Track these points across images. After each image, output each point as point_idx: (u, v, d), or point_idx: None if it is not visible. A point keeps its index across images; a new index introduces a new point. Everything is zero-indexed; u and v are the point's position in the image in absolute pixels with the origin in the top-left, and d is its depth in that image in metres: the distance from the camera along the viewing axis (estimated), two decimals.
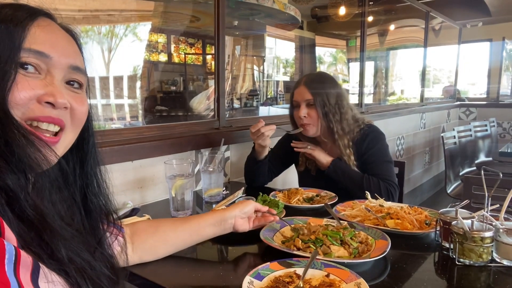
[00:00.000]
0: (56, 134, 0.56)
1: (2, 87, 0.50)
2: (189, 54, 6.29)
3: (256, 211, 1.07)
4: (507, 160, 3.12)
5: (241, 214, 1.01)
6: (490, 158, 3.54)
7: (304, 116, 1.48)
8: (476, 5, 6.21)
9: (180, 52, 6.27)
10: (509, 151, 2.98)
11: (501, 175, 0.94)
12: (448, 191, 2.76)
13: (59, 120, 0.56)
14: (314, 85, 1.49)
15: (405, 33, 6.92)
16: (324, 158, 1.50)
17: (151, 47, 5.77)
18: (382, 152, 1.52)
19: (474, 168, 3.23)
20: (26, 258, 0.41)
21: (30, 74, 0.53)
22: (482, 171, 0.98)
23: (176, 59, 6.18)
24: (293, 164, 1.73)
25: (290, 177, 1.90)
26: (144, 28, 4.27)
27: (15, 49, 0.51)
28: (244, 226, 1.03)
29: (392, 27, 7.01)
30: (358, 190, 1.42)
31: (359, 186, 1.44)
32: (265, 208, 1.08)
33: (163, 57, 6.04)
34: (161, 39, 5.99)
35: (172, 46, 6.20)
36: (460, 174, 3.05)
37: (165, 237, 0.92)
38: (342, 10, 5.08)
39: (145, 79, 4.85)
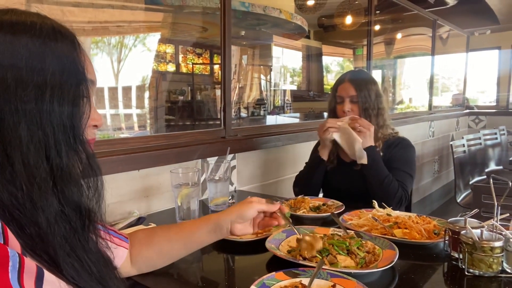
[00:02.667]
0: None
1: (79, 119, 0.52)
2: (196, 64, 6.35)
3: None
4: None
5: (238, 220, 0.87)
6: (501, 167, 3.48)
7: (348, 111, 1.55)
8: (484, 13, 6.19)
9: (188, 62, 6.34)
10: None
11: (511, 184, 0.93)
12: (458, 200, 2.72)
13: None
14: (358, 82, 1.57)
15: (412, 41, 6.91)
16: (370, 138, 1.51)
17: (160, 57, 5.84)
18: (409, 163, 1.58)
19: (484, 176, 3.18)
20: (30, 265, 0.41)
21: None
22: (491, 180, 0.96)
23: (184, 69, 6.24)
24: None
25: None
26: (153, 39, 4.33)
27: (84, 80, 0.54)
28: (244, 230, 0.89)
29: (399, 35, 7.01)
30: (378, 185, 1.47)
31: (382, 180, 1.47)
32: (274, 208, 0.89)
33: (171, 67, 6.10)
34: (169, 49, 6.07)
35: (180, 56, 6.27)
36: (470, 183, 3.01)
37: (160, 248, 0.87)
38: (348, 19, 5.10)
39: (153, 89, 4.90)
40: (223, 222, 0.87)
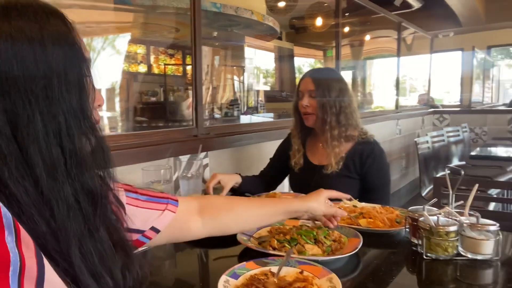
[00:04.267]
0: None
1: (87, 100, 0.51)
2: (169, 64, 6.30)
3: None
4: (479, 163, 3.24)
5: (310, 214, 0.99)
6: (463, 162, 3.67)
7: (306, 106, 1.53)
8: (447, 16, 6.48)
9: (160, 63, 6.28)
10: (478, 154, 3.10)
11: (463, 173, 1.00)
12: (423, 194, 2.85)
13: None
14: (318, 77, 1.55)
15: (380, 43, 7.13)
16: None
17: (130, 58, 5.76)
18: (386, 175, 1.57)
19: (448, 171, 3.34)
20: (31, 269, 0.40)
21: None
22: (446, 170, 1.03)
23: (156, 70, 6.18)
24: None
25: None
26: (123, 40, 4.27)
27: (84, 60, 0.52)
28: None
29: (367, 37, 7.23)
30: None
31: None
32: (342, 214, 1.04)
33: (142, 68, 6.03)
34: (141, 50, 5.99)
35: (152, 57, 6.20)
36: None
37: (239, 218, 0.91)
38: (318, 21, 5.22)
39: (125, 90, 4.83)
40: (300, 214, 0.98)
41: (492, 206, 2.33)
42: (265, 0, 4.84)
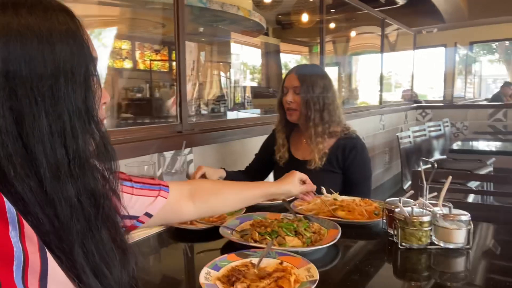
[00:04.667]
0: None
1: (93, 99, 0.51)
2: (154, 60, 6.25)
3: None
4: (459, 157, 3.32)
5: (287, 196, 1.12)
6: (444, 156, 3.76)
7: (291, 102, 1.56)
8: (430, 13, 6.58)
9: (145, 59, 6.23)
10: (457, 148, 3.18)
11: (436, 166, 1.04)
12: (404, 188, 2.92)
13: None
14: (303, 74, 1.57)
15: (364, 39, 7.20)
16: None
17: (115, 54, 5.70)
18: (367, 169, 1.61)
19: (429, 165, 3.42)
20: (35, 263, 0.40)
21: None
22: (421, 163, 1.07)
23: (141, 66, 6.13)
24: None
25: None
26: (108, 35, 4.22)
27: (91, 59, 0.52)
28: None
29: (353, 33, 7.29)
30: None
31: None
32: (312, 188, 1.14)
33: (127, 64, 5.97)
34: (125, 45, 5.93)
35: (138, 53, 6.14)
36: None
37: (226, 200, 0.97)
38: (304, 17, 5.24)
39: (109, 87, 4.78)
40: (277, 196, 1.11)
41: (471, 198, 2.41)
42: None
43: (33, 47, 0.45)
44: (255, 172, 1.74)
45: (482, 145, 3.58)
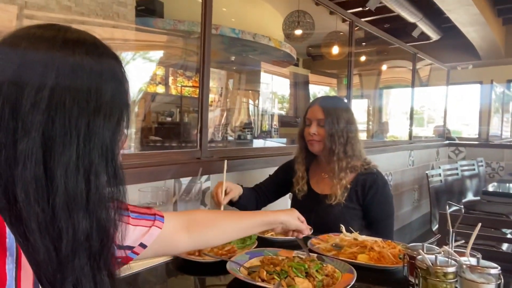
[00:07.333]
0: None
1: (118, 142, 0.53)
2: (186, 86, 6.43)
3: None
4: (495, 199, 3.12)
5: (283, 228, 1.07)
6: (478, 198, 3.54)
7: (314, 133, 1.53)
8: (466, 49, 6.46)
9: (177, 85, 6.41)
10: (492, 190, 2.99)
11: (463, 211, 0.96)
12: (433, 229, 2.75)
13: None
14: (327, 106, 1.55)
15: (396, 73, 7.13)
16: None
17: (150, 79, 5.90)
18: (389, 206, 1.54)
19: (461, 206, 3.23)
20: (27, 267, 0.41)
21: None
22: (447, 207, 0.99)
23: (173, 91, 6.31)
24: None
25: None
26: (145, 61, 4.39)
27: (126, 106, 0.54)
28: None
29: (384, 67, 7.24)
30: None
31: None
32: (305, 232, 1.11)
33: (160, 89, 6.17)
34: (160, 71, 6.15)
35: (170, 79, 6.35)
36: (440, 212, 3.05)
37: (222, 232, 0.94)
38: (335, 49, 5.26)
39: (142, 109, 4.93)
40: (275, 225, 1.05)
41: (505, 246, 2.23)
42: (282, 28, 4.93)
43: (81, 84, 0.48)
44: (264, 193, 1.67)
45: None
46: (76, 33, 0.52)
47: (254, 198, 1.62)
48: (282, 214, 1.04)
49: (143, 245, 0.78)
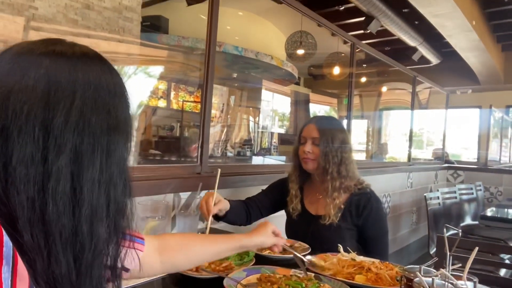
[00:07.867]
0: None
1: (128, 158, 0.55)
2: (187, 101, 6.48)
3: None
4: (492, 224, 3.12)
5: (259, 247, 1.09)
6: (476, 222, 3.53)
7: (308, 151, 1.54)
8: (465, 74, 6.55)
9: (179, 99, 6.47)
10: (491, 214, 2.99)
11: (460, 235, 0.96)
12: (431, 252, 2.74)
13: None
14: (323, 126, 1.56)
15: (395, 95, 7.20)
16: None
17: (152, 92, 5.95)
18: (383, 224, 1.55)
19: (459, 230, 3.22)
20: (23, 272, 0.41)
21: None
22: (444, 230, 1.00)
23: (175, 106, 6.36)
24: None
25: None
26: (147, 75, 4.44)
27: (131, 127, 0.56)
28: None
29: (384, 88, 7.31)
30: None
31: None
32: (283, 243, 1.11)
33: (162, 103, 6.21)
34: (162, 85, 6.21)
35: (172, 93, 6.40)
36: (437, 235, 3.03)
37: (193, 256, 0.94)
38: (336, 70, 5.33)
39: (143, 123, 4.95)
40: (250, 248, 1.08)
41: (503, 271, 2.21)
42: (284, 47, 5.01)
43: (103, 102, 0.51)
44: (254, 208, 1.63)
45: None
46: (84, 48, 0.54)
47: (244, 212, 1.59)
48: (257, 236, 1.04)
49: (125, 269, 0.77)
